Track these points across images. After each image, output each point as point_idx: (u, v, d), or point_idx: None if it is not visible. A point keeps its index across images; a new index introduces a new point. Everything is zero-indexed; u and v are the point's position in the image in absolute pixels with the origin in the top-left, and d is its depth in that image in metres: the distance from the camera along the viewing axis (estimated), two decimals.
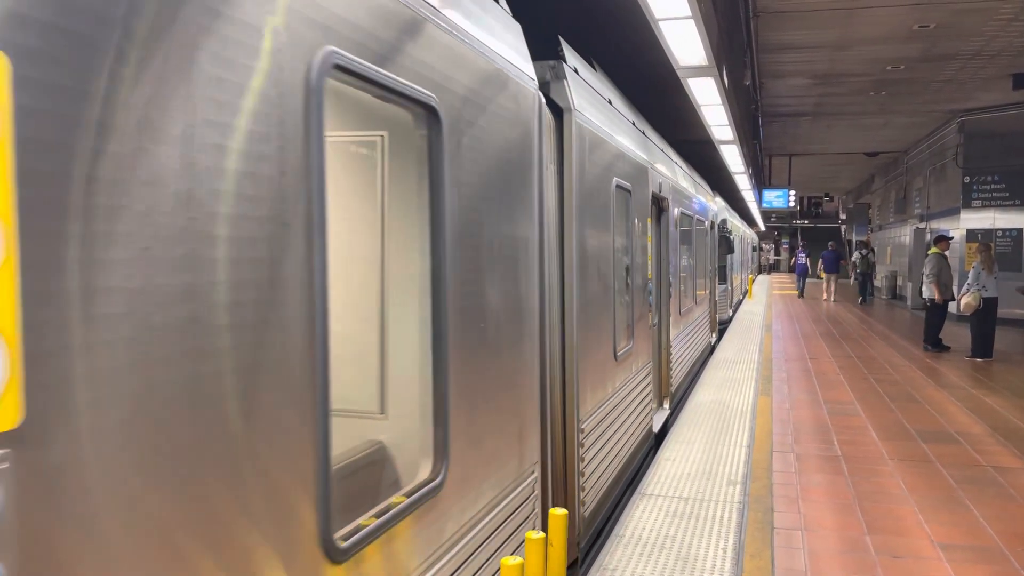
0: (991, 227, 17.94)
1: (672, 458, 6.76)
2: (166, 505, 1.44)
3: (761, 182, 25.02)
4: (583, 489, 4.71)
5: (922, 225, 22.14)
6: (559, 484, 4.48)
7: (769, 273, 59.72)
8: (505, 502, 3.29)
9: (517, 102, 3.59)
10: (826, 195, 48.70)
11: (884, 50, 12.61)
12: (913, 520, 5.33)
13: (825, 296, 26.89)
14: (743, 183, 19.27)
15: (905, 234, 24.61)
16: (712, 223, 15.00)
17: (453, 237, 2.82)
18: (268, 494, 1.74)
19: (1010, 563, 4.61)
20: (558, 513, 2.94)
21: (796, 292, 31.11)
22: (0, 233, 1.14)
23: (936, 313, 13.77)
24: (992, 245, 14.83)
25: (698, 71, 6.89)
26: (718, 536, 4.96)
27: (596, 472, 5.08)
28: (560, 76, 4.48)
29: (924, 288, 13.76)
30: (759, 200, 25.77)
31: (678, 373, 9.54)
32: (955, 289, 13.69)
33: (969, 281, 12.72)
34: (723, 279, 17.42)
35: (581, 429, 4.67)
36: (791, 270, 54.38)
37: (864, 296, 26.09)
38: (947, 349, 13.68)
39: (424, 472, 2.60)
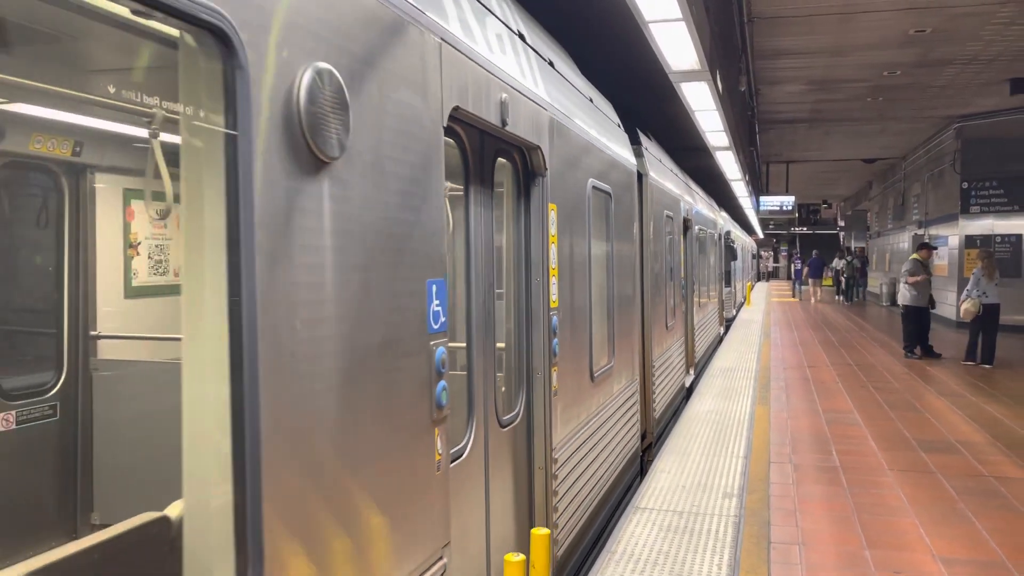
0: (990, 233, 17.82)
1: (667, 470, 6.61)
2: (578, 331, 4.88)
3: (759, 189, 24.91)
4: (654, 401, 8.02)
5: (920, 231, 22.02)
6: (640, 395, 7.44)
7: (768, 280, 59.50)
8: (629, 389, 6.59)
9: (630, 177, 6.83)
10: (824, 202, 48.59)
11: (880, 55, 12.51)
12: (914, 533, 5.19)
13: (812, 297, 31.17)
14: (740, 190, 19.15)
15: (903, 240, 24.51)
16: (719, 235, 18.06)
17: (616, 255, 6.14)
18: (601, 351, 5.63)
19: None
20: (540, 533, 2.79)
21: (794, 299, 32.86)
22: (555, 256, 4.30)
23: (912, 319, 13.60)
24: (992, 252, 14.74)
25: (691, 75, 6.78)
26: (713, 551, 4.81)
27: (659, 393, 8.37)
28: (640, 155, 7.65)
29: (899, 294, 13.57)
30: (756, 207, 25.66)
31: (699, 349, 12.92)
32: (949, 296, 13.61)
33: (968, 287, 12.66)
34: (728, 283, 20.80)
35: (653, 365, 8.01)
36: (790, 277, 54.56)
37: (848, 296, 30.21)
38: (938, 356, 13.52)
39: (605, 360, 5.73)
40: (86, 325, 4.65)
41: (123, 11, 1.84)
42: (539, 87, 4.13)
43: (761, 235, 52.70)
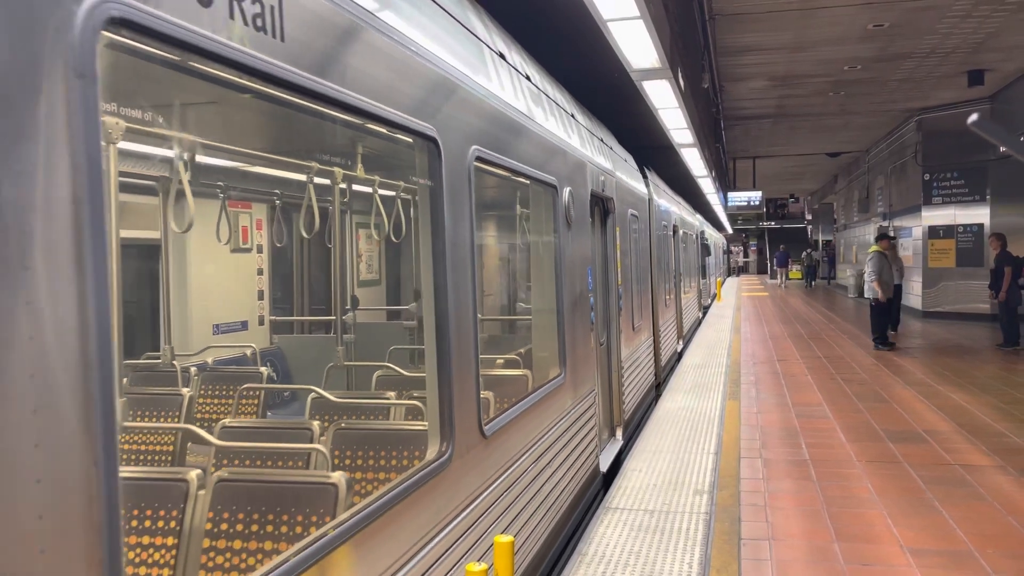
0: (952, 223, 18.09)
1: (639, 468, 6.59)
2: (627, 299, 8.30)
3: (726, 185, 25.08)
4: (659, 354, 11.09)
5: (885, 223, 22.31)
6: (653, 348, 10.37)
7: (738, 275, 59.88)
8: (648, 341, 9.86)
9: (643, 202, 9.97)
10: (792, 196, 49.11)
11: (840, 50, 12.64)
12: (882, 525, 5.21)
13: (780, 284, 38.54)
14: (707, 186, 19.24)
15: (869, 233, 24.80)
16: (696, 235, 21.65)
17: (639, 253, 9.42)
18: (636, 313, 9.03)
19: (982, 567, 4.50)
20: (503, 540, 2.75)
21: (764, 294, 33.53)
22: (618, 255, 7.79)
23: (880, 312, 13.85)
24: (896, 243, 17.80)
25: (652, 73, 6.77)
26: (684, 550, 4.80)
27: (663, 348, 11.53)
28: (647, 185, 10.53)
29: (866, 289, 13.86)
30: (724, 203, 25.84)
31: (685, 325, 16.16)
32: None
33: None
34: (704, 275, 24.85)
35: (658, 329, 11.03)
36: (765, 271, 55.33)
37: (809, 283, 37.44)
38: (893, 346, 13.72)
39: (638, 319, 8.98)
40: (345, 302, 7.58)
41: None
42: (610, 164, 7.36)
43: (730, 230, 53.10)
